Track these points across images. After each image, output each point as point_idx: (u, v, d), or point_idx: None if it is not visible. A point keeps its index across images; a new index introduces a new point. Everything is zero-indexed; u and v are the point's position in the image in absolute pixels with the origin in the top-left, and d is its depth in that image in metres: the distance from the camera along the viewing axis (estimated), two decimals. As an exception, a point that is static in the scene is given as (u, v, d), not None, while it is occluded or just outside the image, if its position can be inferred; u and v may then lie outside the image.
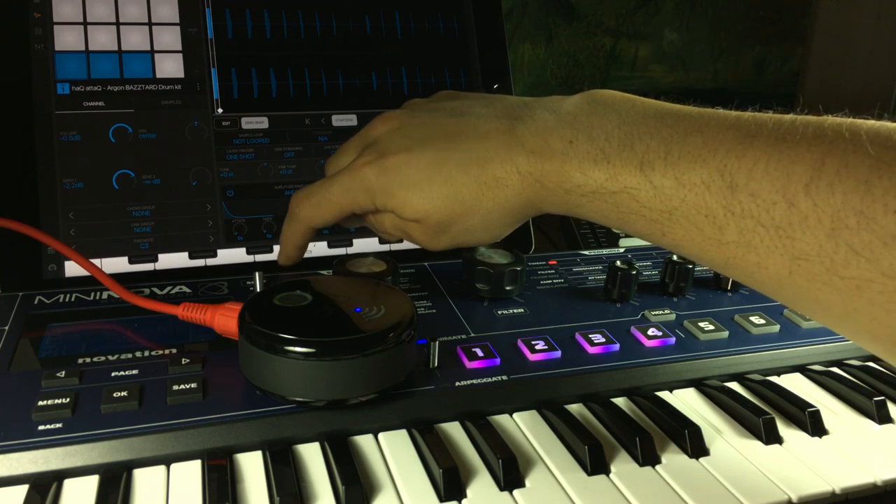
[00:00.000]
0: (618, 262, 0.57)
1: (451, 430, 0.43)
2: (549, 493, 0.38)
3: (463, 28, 0.69)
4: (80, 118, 0.58)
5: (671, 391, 0.48)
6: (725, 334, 0.52)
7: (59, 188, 0.57)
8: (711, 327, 0.52)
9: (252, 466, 0.39)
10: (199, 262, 0.59)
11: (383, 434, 0.42)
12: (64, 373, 0.42)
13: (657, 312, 0.55)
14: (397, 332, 0.41)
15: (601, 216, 0.38)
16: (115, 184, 0.58)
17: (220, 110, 0.62)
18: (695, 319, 0.53)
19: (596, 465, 0.40)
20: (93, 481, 0.37)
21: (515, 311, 0.54)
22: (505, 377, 0.46)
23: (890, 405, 0.47)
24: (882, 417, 0.46)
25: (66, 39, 0.59)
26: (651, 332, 0.51)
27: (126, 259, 0.57)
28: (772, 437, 0.43)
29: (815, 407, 0.45)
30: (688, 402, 0.47)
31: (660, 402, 0.46)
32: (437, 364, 0.46)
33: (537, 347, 0.48)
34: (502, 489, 0.38)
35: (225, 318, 0.46)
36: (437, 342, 0.46)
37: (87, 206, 0.57)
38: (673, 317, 0.55)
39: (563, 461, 0.40)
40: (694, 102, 0.38)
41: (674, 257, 0.58)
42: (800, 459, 0.42)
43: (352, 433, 0.42)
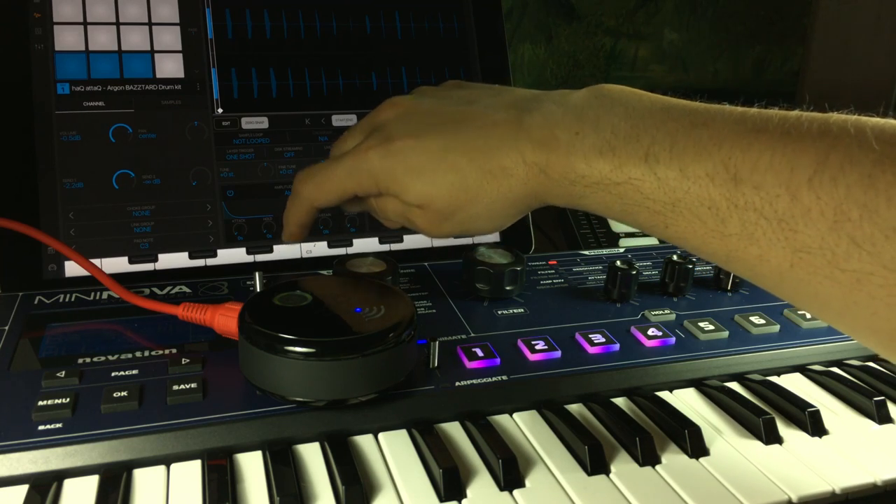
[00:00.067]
0: (618, 262, 0.57)
1: (451, 430, 0.43)
2: (549, 493, 0.38)
3: (463, 28, 0.69)
4: (80, 118, 0.58)
5: (671, 391, 0.48)
6: (725, 334, 0.52)
7: (59, 188, 0.57)
8: (711, 327, 0.52)
9: (252, 466, 0.39)
10: (199, 262, 0.59)
11: (383, 434, 0.42)
12: (64, 373, 0.42)
13: (657, 312, 0.55)
14: (397, 333, 0.41)
15: (604, 207, 0.38)
16: (115, 184, 0.58)
17: (220, 110, 0.62)
18: (695, 319, 0.53)
19: (596, 465, 0.40)
20: (93, 481, 0.37)
21: (515, 311, 0.54)
22: (505, 377, 0.46)
23: (890, 405, 0.47)
24: (882, 417, 0.46)
25: (66, 39, 0.59)
26: (651, 332, 0.51)
27: (126, 259, 0.57)
28: (772, 437, 0.43)
29: (815, 407, 0.45)
30: (688, 402, 0.47)
31: (660, 402, 0.46)
32: (437, 364, 0.46)
33: (537, 347, 0.48)
34: (502, 489, 0.38)
35: (225, 318, 0.46)
36: (437, 342, 0.46)
37: (87, 206, 0.57)
38: (673, 317, 0.55)
39: (563, 461, 0.40)
40: (697, 100, 0.38)
41: (674, 257, 0.58)
42: (800, 459, 0.42)
43: (352, 433, 0.42)
